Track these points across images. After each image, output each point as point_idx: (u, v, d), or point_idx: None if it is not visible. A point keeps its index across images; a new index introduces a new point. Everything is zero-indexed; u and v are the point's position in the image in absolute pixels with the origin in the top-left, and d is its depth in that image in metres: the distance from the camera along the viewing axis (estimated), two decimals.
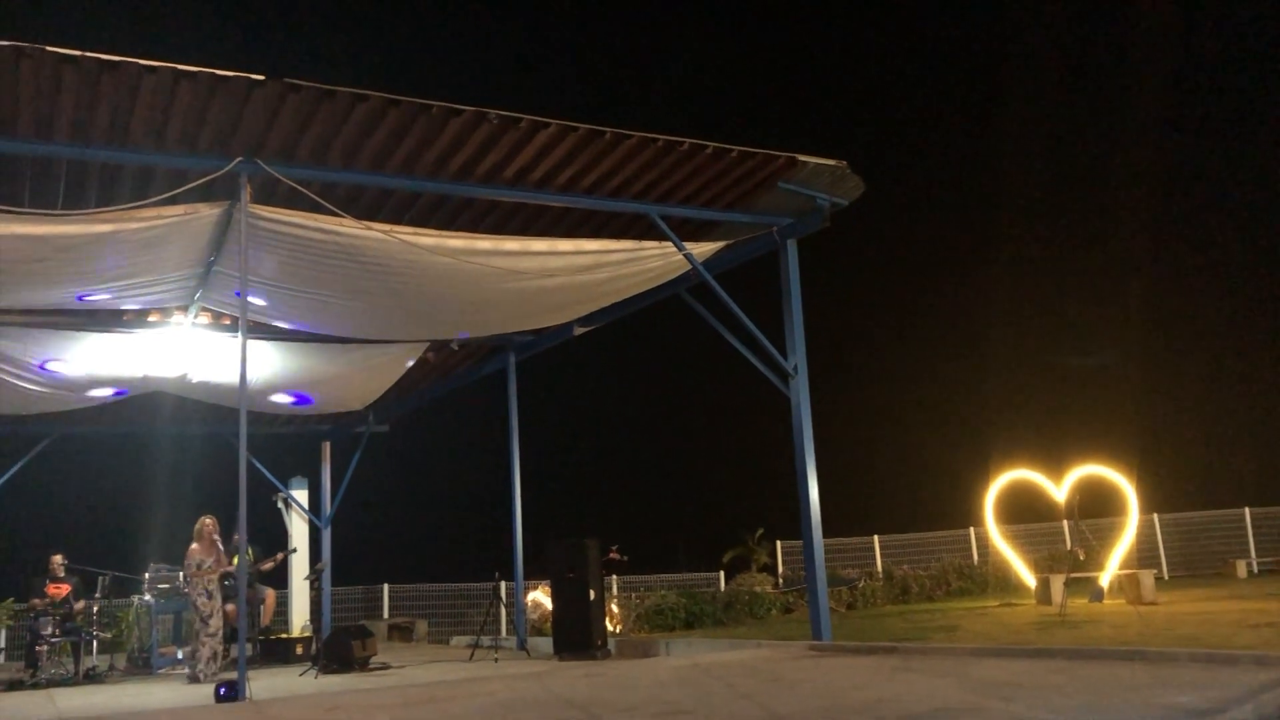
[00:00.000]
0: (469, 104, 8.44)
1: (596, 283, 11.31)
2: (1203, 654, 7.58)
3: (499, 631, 17.20)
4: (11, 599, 16.50)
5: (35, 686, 11.63)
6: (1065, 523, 20.25)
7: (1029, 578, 17.60)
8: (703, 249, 11.18)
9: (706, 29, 47.43)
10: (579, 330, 13.68)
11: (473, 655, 12.47)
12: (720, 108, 43.31)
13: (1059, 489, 17.30)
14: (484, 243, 10.13)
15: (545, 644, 12.91)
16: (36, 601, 12.91)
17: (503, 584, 15.32)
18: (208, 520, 11.82)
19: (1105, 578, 15.96)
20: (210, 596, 11.37)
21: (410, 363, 14.88)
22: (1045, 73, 35.49)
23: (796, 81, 46.43)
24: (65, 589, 13.11)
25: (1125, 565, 16.45)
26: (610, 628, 13.95)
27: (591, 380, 34.76)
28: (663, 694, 7.47)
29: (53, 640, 12.44)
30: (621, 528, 23.53)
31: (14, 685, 11.67)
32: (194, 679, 11.12)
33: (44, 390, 13.48)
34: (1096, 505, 17.75)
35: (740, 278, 11.74)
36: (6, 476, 16.60)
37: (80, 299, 10.89)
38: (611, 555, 13.24)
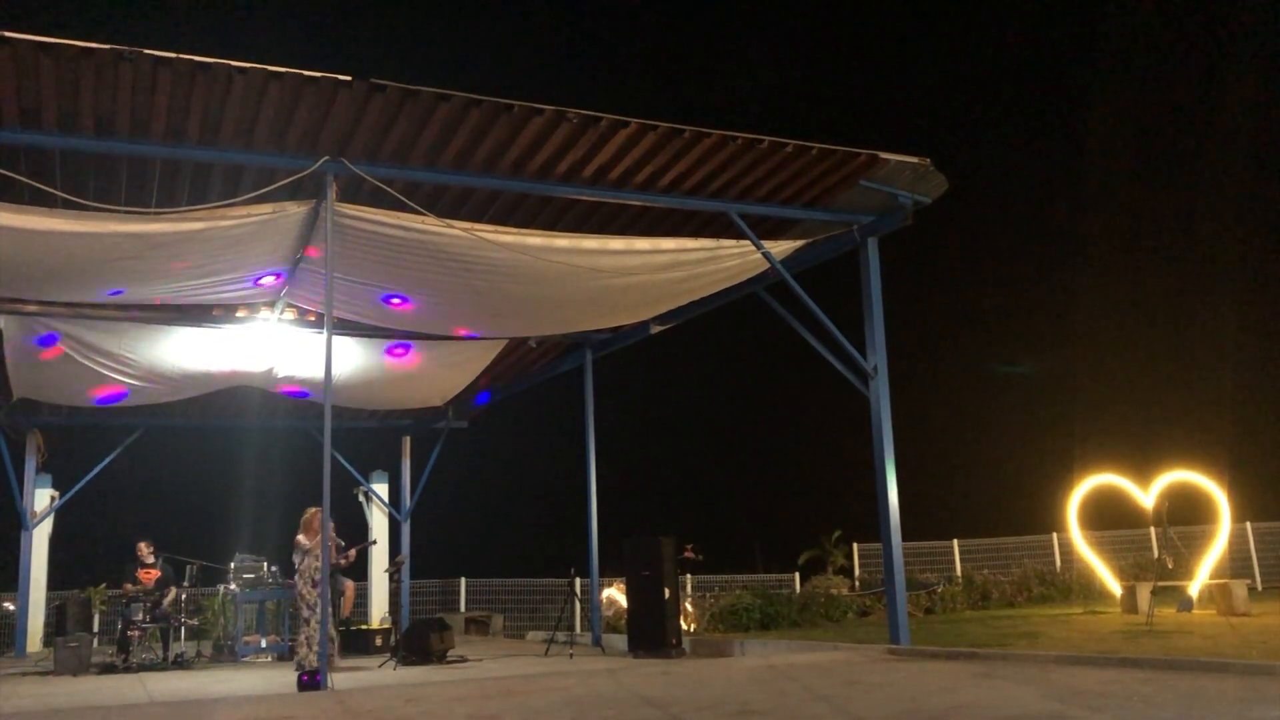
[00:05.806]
0: (545, 104, 8.51)
1: (674, 281, 11.30)
2: None
3: (574, 627, 17.29)
4: (104, 584, 17.02)
5: (127, 670, 12.02)
6: (1153, 530, 19.67)
7: (1114, 585, 17.15)
8: (781, 247, 11.11)
9: (782, 26, 47.11)
10: (656, 328, 13.69)
11: (548, 650, 12.56)
12: (798, 105, 42.99)
13: (1146, 495, 16.81)
14: (562, 241, 10.20)
15: (620, 641, 12.96)
16: (129, 587, 13.30)
17: (578, 580, 15.39)
18: (316, 510, 11.89)
19: (1195, 587, 15.46)
20: (316, 585, 11.47)
21: (489, 359, 15.05)
22: (1134, 64, 34.51)
23: (880, 76, 45.89)
24: (155, 574, 13.48)
25: (1216, 575, 15.92)
26: (684, 626, 13.94)
27: (669, 378, 34.71)
28: (738, 694, 7.44)
29: (143, 626, 12.86)
30: (697, 526, 23.52)
31: (107, 669, 12.07)
32: (301, 667, 10.60)
33: (135, 383, 13.90)
34: (1186, 512, 17.19)
35: (820, 276, 11.64)
36: (100, 467, 17.21)
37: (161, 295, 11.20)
38: (687, 554, 13.21)
